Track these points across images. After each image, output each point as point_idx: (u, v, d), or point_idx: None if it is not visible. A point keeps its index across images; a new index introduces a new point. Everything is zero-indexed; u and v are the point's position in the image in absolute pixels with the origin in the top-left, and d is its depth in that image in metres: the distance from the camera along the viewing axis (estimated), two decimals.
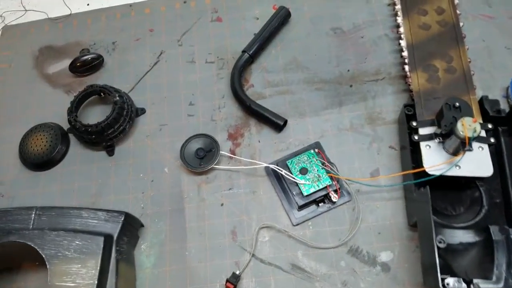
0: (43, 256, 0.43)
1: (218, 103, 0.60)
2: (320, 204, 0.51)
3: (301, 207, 0.51)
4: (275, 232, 0.51)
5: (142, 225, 0.52)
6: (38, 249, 0.44)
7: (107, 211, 0.48)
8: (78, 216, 0.47)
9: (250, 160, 0.54)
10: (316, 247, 0.50)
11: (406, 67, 0.56)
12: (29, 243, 0.44)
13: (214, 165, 0.54)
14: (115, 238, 0.46)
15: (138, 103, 0.61)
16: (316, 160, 0.52)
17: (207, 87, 0.61)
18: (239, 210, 0.53)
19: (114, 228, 0.46)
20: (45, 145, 0.57)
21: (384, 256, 0.49)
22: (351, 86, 0.59)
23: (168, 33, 0.67)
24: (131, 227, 0.50)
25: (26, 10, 0.73)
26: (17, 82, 0.66)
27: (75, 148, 0.59)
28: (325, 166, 0.51)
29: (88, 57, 0.63)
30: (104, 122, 0.55)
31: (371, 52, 0.61)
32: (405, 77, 0.57)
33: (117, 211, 0.48)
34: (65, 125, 0.60)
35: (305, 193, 0.50)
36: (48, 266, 0.43)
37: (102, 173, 0.57)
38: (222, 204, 0.53)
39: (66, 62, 0.65)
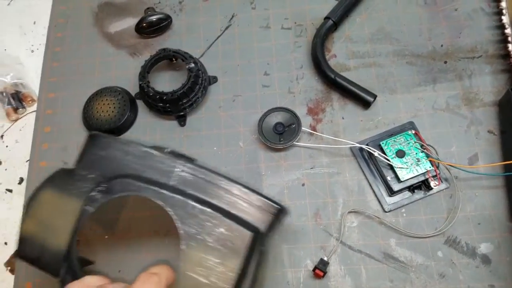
0: (181, 231, 0.34)
1: (296, 74, 0.55)
2: (415, 191, 0.47)
3: (394, 193, 0.47)
4: (364, 218, 0.47)
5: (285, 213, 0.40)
6: (177, 222, 0.35)
7: (262, 196, 0.37)
8: (228, 191, 0.37)
9: (335, 138, 0.50)
10: (411, 235, 0.46)
11: (510, 46, 0.51)
12: (169, 209, 0.35)
13: (295, 142, 0.50)
14: (261, 234, 0.36)
15: (209, 71, 0.56)
16: (415, 142, 0.47)
17: (283, 56, 0.56)
18: (322, 192, 0.49)
19: (263, 222, 0.36)
20: (112, 111, 0.53)
21: (484, 248, 0.45)
22: (445, 62, 0.53)
23: None
24: (278, 222, 0.39)
25: None
26: (77, 40, 0.61)
27: (144, 116, 0.55)
28: (425, 149, 0.47)
29: (156, 17, 0.58)
30: (180, 90, 0.51)
31: (466, 27, 0.55)
32: (506, 56, 0.52)
33: (273, 201, 0.37)
34: (132, 90, 0.56)
35: (402, 178, 0.46)
36: (181, 247, 0.34)
37: (173, 144, 0.53)
38: (303, 184, 0.50)
39: (129, 21, 0.60)
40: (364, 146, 0.48)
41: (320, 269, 0.44)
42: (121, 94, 0.54)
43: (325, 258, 0.45)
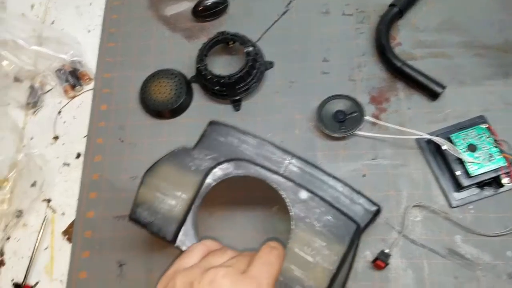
0: (292, 213, 0.38)
1: (358, 61, 0.53)
2: (484, 187, 0.45)
3: (462, 188, 0.45)
4: (428, 213, 0.45)
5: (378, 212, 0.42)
6: (289, 205, 0.39)
7: (363, 195, 0.41)
8: (332, 187, 0.41)
9: (402, 129, 0.48)
10: (478, 233, 0.44)
11: None
12: (282, 192, 0.39)
13: (357, 131, 0.49)
14: (360, 229, 0.39)
15: (266, 56, 0.55)
16: (488, 137, 0.45)
17: (344, 42, 0.55)
18: (385, 184, 0.47)
19: (363, 218, 0.40)
20: (169, 93, 0.53)
21: None
22: None
23: None
24: (373, 221, 0.42)
25: None
26: (132, 22, 0.61)
27: (199, 99, 0.55)
28: (499, 144, 0.44)
29: (212, 1, 0.57)
30: (238, 74, 0.50)
31: None
32: None
33: (371, 201, 0.41)
34: (187, 73, 0.55)
35: (472, 173, 0.44)
36: (292, 227, 0.38)
37: None
38: (364, 175, 0.48)
39: (185, 5, 0.60)
40: (434, 138, 0.45)
41: (382, 260, 0.43)
42: (177, 76, 0.54)
43: (386, 250, 0.44)
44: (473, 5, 0.54)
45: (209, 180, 0.40)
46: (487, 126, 0.46)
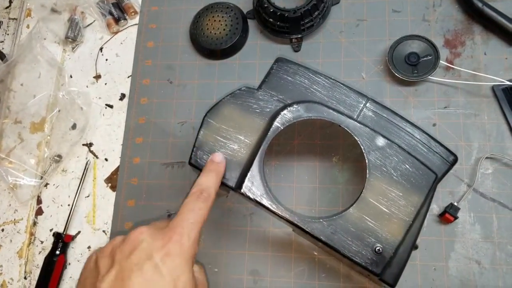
0: (367, 160, 0.36)
1: (433, 0, 0.49)
2: None
3: None
4: (500, 165, 0.44)
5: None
6: (365, 152, 0.37)
7: (441, 144, 0.39)
8: (409, 134, 0.39)
9: (479, 74, 0.44)
10: None
11: None
12: (357, 138, 0.37)
13: (431, 75, 0.45)
14: (438, 180, 0.37)
15: None
16: None
17: None
18: (456, 134, 0.45)
19: (440, 168, 0.38)
20: (224, 29, 0.49)
21: None
22: None
23: None
24: (449, 171, 0.40)
25: None
26: None
27: (254, 38, 0.51)
28: None
29: None
30: (304, 7, 0.46)
31: None
32: None
33: (449, 150, 0.39)
34: (244, 8, 0.51)
35: None
36: (367, 176, 0.36)
37: None
38: (434, 124, 0.46)
39: None
40: None
41: (451, 214, 0.42)
42: (233, 10, 0.49)
43: (455, 203, 0.43)
44: None
45: (277, 123, 0.38)
46: None
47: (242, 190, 0.36)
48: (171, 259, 0.28)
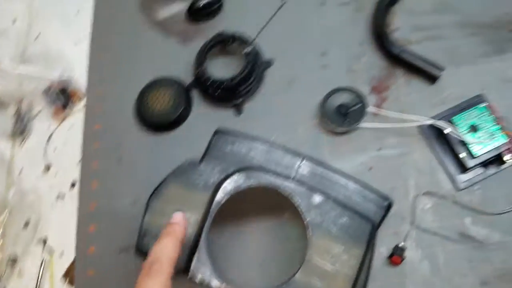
0: (306, 221, 0.37)
1: (357, 51, 0.52)
2: (487, 166, 0.46)
3: (467, 170, 0.46)
4: (437, 199, 0.46)
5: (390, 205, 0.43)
6: (303, 212, 0.37)
7: (373, 190, 0.41)
8: (344, 186, 0.40)
9: (404, 116, 0.48)
10: (486, 213, 0.45)
11: None
12: (295, 200, 0.38)
13: (361, 123, 0.49)
14: (375, 227, 0.39)
15: (264, 53, 0.54)
16: (489, 115, 0.45)
17: (342, 33, 0.53)
18: (392, 175, 0.48)
19: (376, 215, 0.39)
20: (167, 104, 0.51)
21: None
22: (510, 31, 0.50)
23: None
24: (386, 216, 0.42)
25: None
26: (123, 29, 0.58)
27: (198, 107, 0.53)
28: (500, 122, 0.45)
29: (206, 1, 0.54)
30: (239, 76, 0.49)
31: None
32: None
33: (383, 195, 0.41)
34: (184, 79, 0.53)
35: (476, 154, 0.45)
36: (309, 235, 0.36)
37: None
38: (370, 168, 0.48)
39: (177, 6, 0.57)
40: (436, 122, 0.46)
41: (398, 255, 0.44)
42: (175, 84, 0.52)
43: (401, 244, 0.45)
44: None
45: (220, 195, 0.38)
46: (486, 104, 0.46)
47: (189, 274, 0.36)
48: None
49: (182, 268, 0.36)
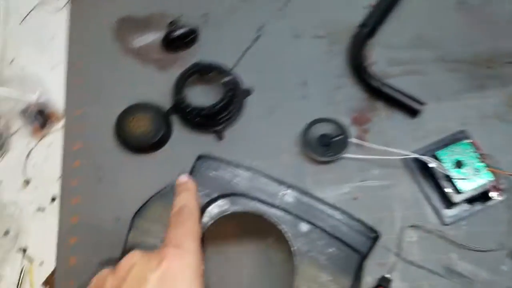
0: (293, 248, 0.36)
1: (336, 83, 0.53)
2: (473, 202, 0.45)
3: (452, 205, 0.45)
4: (423, 232, 0.45)
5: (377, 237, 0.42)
6: (290, 240, 0.37)
7: (361, 222, 0.41)
8: (330, 216, 0.40)
9: (388, 149, 0.47)
10: (472, 249, 0.44)
11: None
12: (282, 228, 0.37)
13: (343, 154, 0.48)
14: (363, 258, 0.38)
15: (243, 82, 0.54)
16: (473, 152, 0.45)
17: (320, 65, 0.54)
18: (377, 206, 0.47)
19: (363, 246, 0.39)
20: (147, 127, 0.50)
21: None
22: (488, 67, 0.52)
23: (268, 2, 0.58)
24: (374, 247, 0.42)
25: None
26: (99, 56, 0.58)
27: (179, 131, 0.52)
28: (485, 159, 0.45)
29: (181, 32, 0.55)
30: (218, 104, 0.48)
31: (507, 31, 0.54)
32: None
33: (370, 226, 0.41)
34: (163, 104, 0.53)
35: (462, 190, 0.44)
36: (295, 263, 0.36)
37: None
38: (355, 198, 0.47)
39: (153, 35, 0.58)
40: (421, 157, 0.45)
41: (384, 287, 0.42)
42: (154, 109, 0.51)
43: (387, 275, 0.43)
44: (440, 20, 0.55)
45: (205, 219, 0.38)
46: (471, 141, 0.46)
47: None
48: (171, 278, 0.24)
49: None
